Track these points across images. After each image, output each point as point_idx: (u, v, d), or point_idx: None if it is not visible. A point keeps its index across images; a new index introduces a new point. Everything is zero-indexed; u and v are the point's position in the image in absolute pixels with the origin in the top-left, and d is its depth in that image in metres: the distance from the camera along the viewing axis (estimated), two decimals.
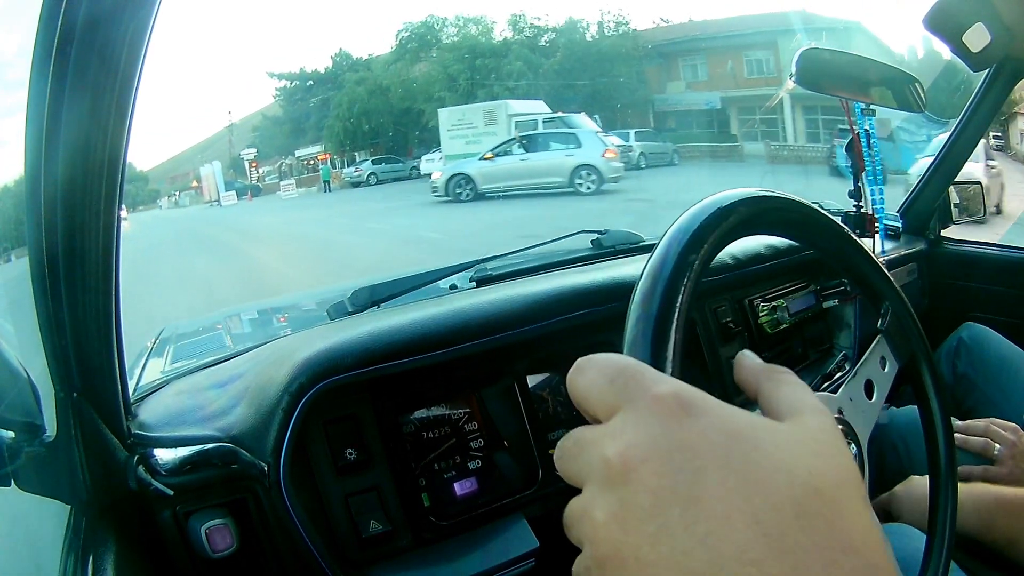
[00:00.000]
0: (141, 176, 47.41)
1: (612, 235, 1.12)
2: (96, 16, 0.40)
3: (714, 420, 0.22)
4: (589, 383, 0.25)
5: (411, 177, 24.47)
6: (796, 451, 0.22)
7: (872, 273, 0.48)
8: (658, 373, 0.25)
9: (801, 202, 0.43)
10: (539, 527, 0.71)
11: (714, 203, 0.36)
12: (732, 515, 0.20)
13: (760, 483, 0.21)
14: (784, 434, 0.23)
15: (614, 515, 0.22)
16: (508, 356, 0.77)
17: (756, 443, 0.22)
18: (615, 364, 0.25)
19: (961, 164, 1.30)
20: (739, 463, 0.21)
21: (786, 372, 0.28)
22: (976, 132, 1.23)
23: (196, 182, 43.68)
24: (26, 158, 0.44)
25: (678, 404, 0.23)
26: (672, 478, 0.21)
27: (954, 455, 0.49)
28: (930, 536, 0.47)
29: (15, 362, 0.55)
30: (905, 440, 0.94)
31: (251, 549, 0.63)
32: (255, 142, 39.92)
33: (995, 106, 1.18)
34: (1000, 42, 0.99)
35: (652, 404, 0.23)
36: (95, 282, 0.50)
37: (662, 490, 0.21)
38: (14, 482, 0.56)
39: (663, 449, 0.22)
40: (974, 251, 1.39)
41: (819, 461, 0.22)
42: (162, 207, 40.53)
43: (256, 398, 0.66)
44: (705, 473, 0.21)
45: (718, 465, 0.21)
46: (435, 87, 27.19)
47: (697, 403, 0.23)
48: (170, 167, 51.13)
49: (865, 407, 0.45)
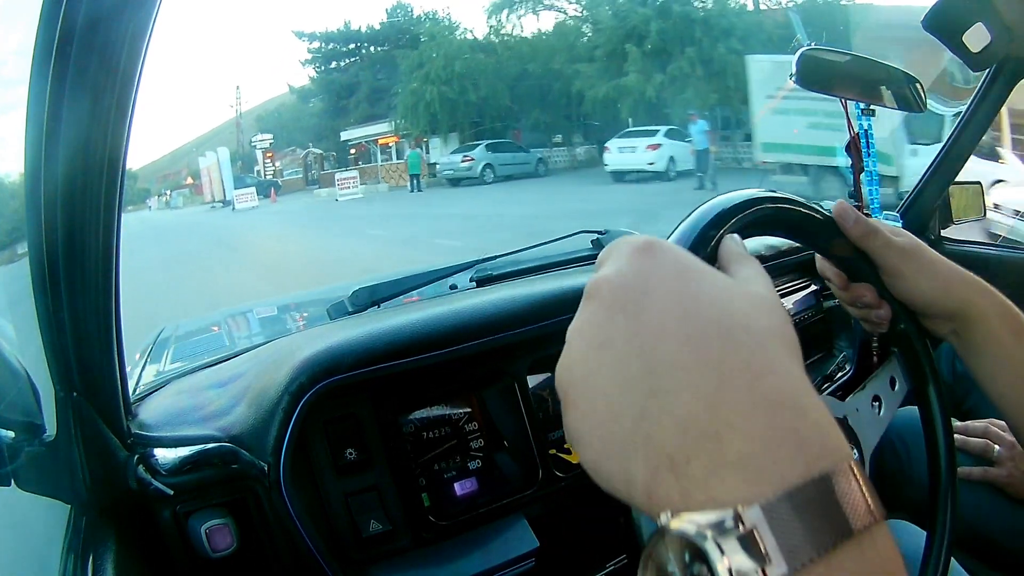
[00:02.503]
0: (130, 174, 44.97)
1: (612, 235, 1.12)
2: (96, 16, 0.40)
3: (670, 256, 0.26)
4: (602, 253, 0.29)
5: (538, 174, 17.61)
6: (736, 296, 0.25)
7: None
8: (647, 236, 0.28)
9: (803, 202, 0.43)
10: (539, 527, 0.71)
11: (719, 204, 0.37)
12: (667, 330, 0.23)
13: (697, 310, 0.23)
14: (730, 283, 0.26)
15: (577, 328, 0.26)
16: (508, 356, 0.77)
17: (701, 280, 0.25)
18: (620, 238, 0.29)
19: (961, 164, 1.30)
20: (680, 291, 0.24)
21: (755, 261, 0.31)
22: (976, 132, 1.23)
23: (191, 179, 36.90)
24: (26, 158, 0.44)
25: (646, 244, 0.26)
26: (623, 296, 0.24)
27: (954, 455, 0.49)
28: (930, 534, 0.47)
29: (15, 362, 0.55)
30: (905, 440, 0.94)
31: (251, 549, 0.63)
32: (270, 128, 31.44)
33: (995, 106, 1.18)
34: (1000, 42, 0.98)
35: (626, 247, 0.27)
36: (95, 282, 0.50)
37: (613, 304, 0.24)
38: (14, 482, 0.56)
39: (622, 274, 0.25)
40: (974, 251, 1.39)
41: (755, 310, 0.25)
42: (151, 207, 34.91)
43: (256, 398, 0.66)
44: (651, 295, 0.24)
45: (664, 290, 0.24)
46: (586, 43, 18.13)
47: (662, 245, 0.26)
48: (164, 164, 48.56)
49: (871, 420, 0.45)
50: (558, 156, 20.32)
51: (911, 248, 0.46)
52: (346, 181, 18.79)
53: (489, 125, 20.22)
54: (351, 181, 18.94)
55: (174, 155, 50.65)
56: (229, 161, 26.88)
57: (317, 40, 28.21)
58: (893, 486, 0.90)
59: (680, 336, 0.22)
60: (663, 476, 0.21)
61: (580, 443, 0.24)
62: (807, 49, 1.02)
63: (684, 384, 0.21)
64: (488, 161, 16.73)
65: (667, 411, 0.21)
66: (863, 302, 0.48)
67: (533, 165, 17.82)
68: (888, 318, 0.48)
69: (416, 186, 18.17)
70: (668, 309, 0.23)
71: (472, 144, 18.31)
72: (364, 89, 27.00)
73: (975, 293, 0.47)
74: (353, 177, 19.44)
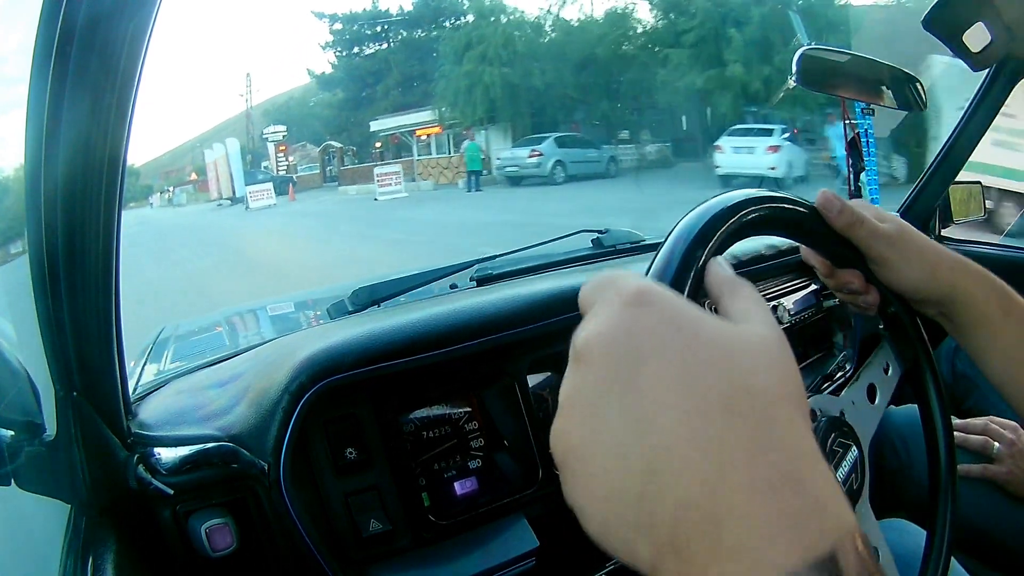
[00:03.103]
0: (132, 171, 42.71)
1: (612, 234, 1.12)
2: (96, 16, 0.40)
3: (663, 310, 0.24)
4: (584, 291, 0.27)
5: (608, 174, 14.86)
6: (736, 350, 0.23)
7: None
8: (633, 274, 0.26)
9: (804, 202, 0.43)
10: (539, 527, 0.71)
11: (720, 203, 0.36)
12: (663, 407, 0.21)
13: (693, 377, 0.22)
14: (728, 332, 0.24)
15: (568, 396, 0.24)
16: (508, 356, 0.77)
17: (697, 335, 0.23)
18: (603, 275, 0.27)
19: (961, 164, 1.30)
20: (676, 354, 0.22)
21: (747, 285, 0.29)
22: (976, 132, 1.23)
23: (195, 174, 34.49)
24: (26, 158, 0.44)
25: (636, 295, 0.24)
26: (615, 364, 0.23)
27: (954, 454, 0.49)
28: (930, 534, 0.47)
29: (15, 361, 0.55)
30: (905, 440, 0.94)
31: (251, 549, 0.63)
32: (280, 121, 28.65)
33: (995, 106, 1.18)
34: (1000, 42, 0.98)
35: (615, 297, 0.25)
36: (95, 281, 0.50)
37: (606, 375, 0.23)
38: (14, 481, 0.56)
39: (612, 335, 0.23)
40: (974, 251, 1.39)
41: (757, 364, 0.23)
42: (153, 205, 33.26)
43: (256, 397, 0.66)
44: (645, 362, 0.22)
45: (657, 354, 0.22)
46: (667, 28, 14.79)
47: (653, 294, 0.24)
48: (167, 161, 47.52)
49: (867, 411, 0.45)
50: (625, 154, 16.70)
51: (897, 235, 0.46)
52: (387, 177, 15.52)
53: (548, 116, 16.78)
54: (393, 177, 15.65)
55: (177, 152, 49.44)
56: (240, 154, 23.79)
57: (340, 21, 25.04)
58: (893, 486, 0.90)
59: (678, 411, 0.21)
60: (667, 557, 0.21)
61: (582, 514, 0.23)
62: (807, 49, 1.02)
63: (683, 465, 0.21)
64: (559, 158, 13.99)
65: (667, 492, 0.21)
66: (850, 288, 0.47)
67: (604, 164, 15.10)
68: (876, 303, 0.48)
69: (475, 184, 15.03)
70: (664, 379, 0.22)
71: (538, 137, 15.01)
72: (395, 75, 23.92)
73: (962, 276, 0.46)
74: (395, 172, 16.10)
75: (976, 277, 0.47)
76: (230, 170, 23.17)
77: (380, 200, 14.91)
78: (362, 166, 24.33)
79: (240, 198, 20.36)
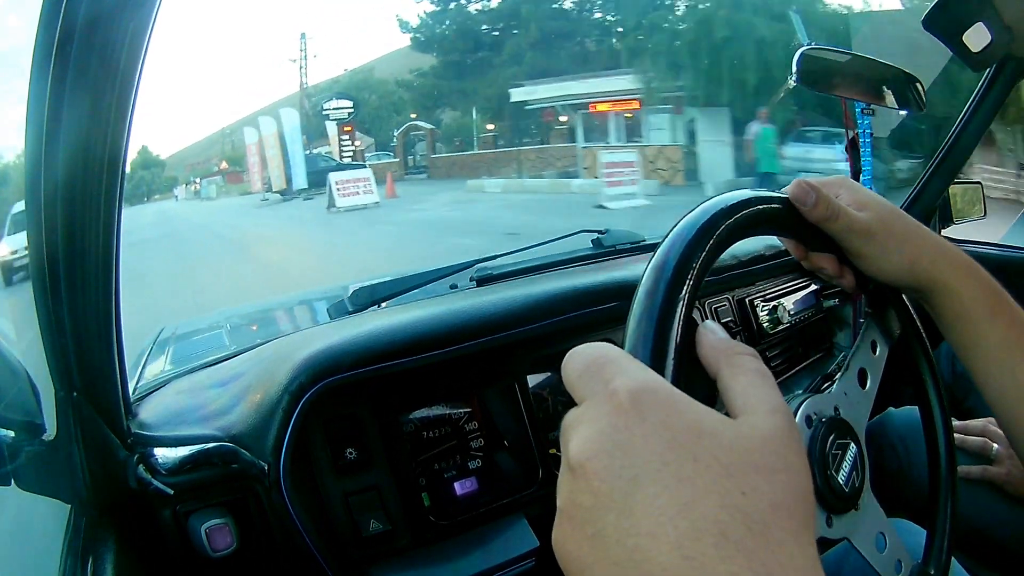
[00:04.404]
0: (156, 162, 37.21)
1: (612, 235, 1.12)
2: (96, 16, 0.40)
3: (659, 422, 0.23)
4: (570, 371, 0.26)
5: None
6: (734, 463, 0.22)
7: None
8: (625, 366, 0.25)
9: (776, 196, 0.43)
10: (539, 526, 0.71)
11: (719, 203, 0.36)
12: (658, 535, 0.21)
13: (688, 505, 0.21)
14: (729, 441, 0.23)
15: (564, 509, 0.23)
16: (508, 356, 0.77)
17: (696, 454, 0.22)
18: (591, 355, 0.26)
19: (961, 164, 1.30)
20: (673, 477, 0.21)
21: (747, 355, 0.28)
22: (976, 132, 1.23)
23: (225, 163, 29.85)
24: (26, 158, 0.44)
25: (630, 401, 0.23)
26: (611, 483, 0.22)
27: (954, 455, 0.49)
28: (930, 534, 0.47)
29: (15, 361, 0.55)
30: (904, 440, 0.94)
31: (251, 548, 0.63)
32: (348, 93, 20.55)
33: (995, 106, 1.18)
34: (1000, 42, 0.98)
35: (607, 400, 0.24)
36: (95, 281, 0.50)
37: (602, 494, 0.22)
38: (14, 481, 0.56)
39: (607, 450, 0.22)
40: (974, 251, 1.38)
41: (757, 478, 0.22)
42: (178, 197, 29.73)
43: (256, 397, 0.66)
44: (640, 484, 0.22)
45: (653, 477, 0.22)
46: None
47: (647, 401, 0.23)
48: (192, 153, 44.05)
49: (860, 398, 0.44)
50: None
51: (877, 224, 0.43)
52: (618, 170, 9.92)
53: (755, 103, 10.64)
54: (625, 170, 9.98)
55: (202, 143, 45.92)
56: (299, 129, 16.42)
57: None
58: (893, 486, 0.90)
59: (671, 541, 0.21)
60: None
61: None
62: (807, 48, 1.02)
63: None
64: None
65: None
66: (824, 273, 0.46)
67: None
68: (853, 284, 0.46)
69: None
70: (660, 506, 0.21)
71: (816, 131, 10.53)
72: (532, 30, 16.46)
73: (946, 268, 0.44)
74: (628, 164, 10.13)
75: (963, 271, 0.44)
76: (284, 153, 16.35)
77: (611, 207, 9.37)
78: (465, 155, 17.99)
79: (299, 191, 15.39)
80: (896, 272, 0.44)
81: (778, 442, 0.23)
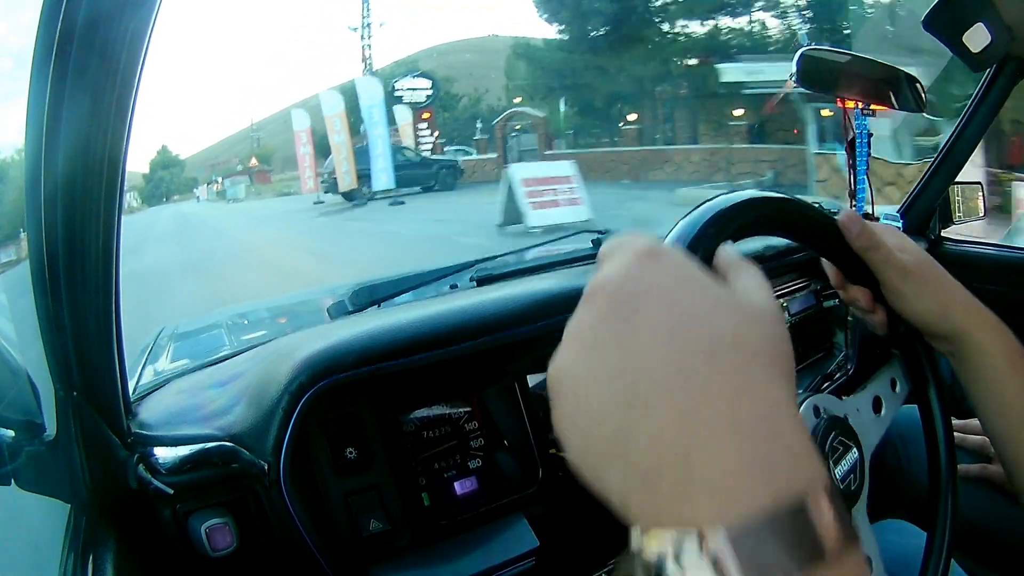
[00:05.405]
0: (176, 161, 36.45)
1: (613, 235, 1.12)
2: (96, 16, 0.40)
3: (672, 264, 0.26)
4: (605, 245, 0.29)
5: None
6: (731, 311, 0.25)
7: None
8: (649, 236, 0.28)
9: (827, 214, 0.43)
10: (539, 526, 0.71)
11: (718, 204, 0.36)
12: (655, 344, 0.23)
13: (688, 324, 0.23)
14: (726, 296, 0.25)
15: (573, 327, 0.26)
16: (508, 356, 0.77)
17: (696, 292, 0.25)
18: (625, 232, 0.29)
19: (962, 164, 1.30)
20: (675, 304, 0.24)
21: (754, 268, 0.31)
22: (976, 132, 1.23)
23: (256, 160, 25.55)
24: (26, 158, 0.44)
25: (650, 250, 0.26)
26: (617, 304, 0.24)
27: (954, 454, 0.49)
28: (930, 535, 0.47)
29: (15, 361, 0.55)
30: (905, 440, 0.94)
31: (251, 548, 0.63)
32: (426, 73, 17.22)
33: (996, 106, 1.18)
34: (1000, 42, 0.98)
35: (627, 250, 0.26)
36: (95, 281, 0.50)
37: (609, 309, 0.24)
38: (14, 481, 0.56)
39: (620, 280, 0.25)
40: (975, 251, 1.39)
41: (748, 325, 0.24)
42: (200, 198, 28.04)
43: (256, 397, 0.66)
44: (644, 307, 0.24)
45: (657, 303, 0.24)
46: None
47: (665, 252, 0.26)
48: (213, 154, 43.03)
49: (871, 420, 0.45)
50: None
51: (913, 268, 0.45)
52: None
53: None
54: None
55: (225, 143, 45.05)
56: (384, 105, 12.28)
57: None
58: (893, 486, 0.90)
59: (666, 350, 0.22)
60: (636, 489, 0.21)
61: (566, 443, 0.25)
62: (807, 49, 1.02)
63: (662, 399, 0.22)
64: None
65: (643, 425, 0.22)
66: (858, 305, 0.48)
67: None
68: (884, 322, 0.48)
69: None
70: (660, 321, 0.23)
71: None
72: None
73: (973, 322, 0.46)
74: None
75: (989, 326, 0.46)
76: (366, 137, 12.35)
77: None
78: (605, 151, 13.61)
79: (375, 193, 12.05)
80: (928, 316, 0.46)
81: (769, 314, 0.26)
